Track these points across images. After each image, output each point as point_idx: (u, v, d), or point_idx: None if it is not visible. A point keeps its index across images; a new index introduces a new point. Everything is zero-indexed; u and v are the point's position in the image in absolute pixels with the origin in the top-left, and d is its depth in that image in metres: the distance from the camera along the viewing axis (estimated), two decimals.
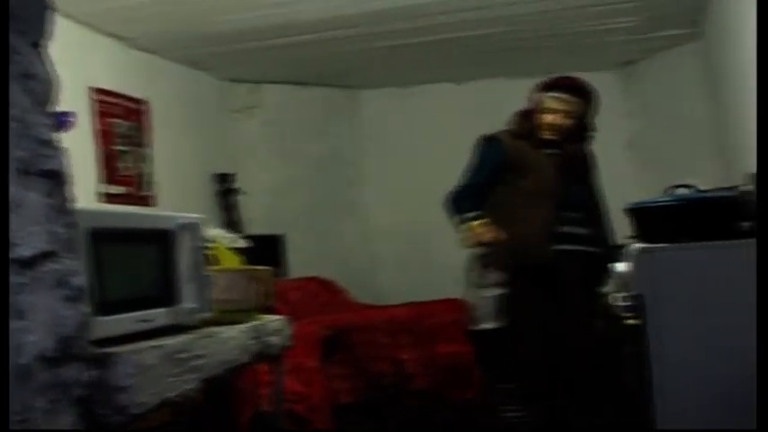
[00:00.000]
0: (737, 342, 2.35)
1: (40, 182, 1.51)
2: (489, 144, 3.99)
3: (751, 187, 2.58)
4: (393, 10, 5.15)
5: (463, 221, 3.84)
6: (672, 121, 6.50)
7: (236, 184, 6.06)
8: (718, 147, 6.06)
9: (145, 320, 1.82)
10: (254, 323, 2.14)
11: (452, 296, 4.81)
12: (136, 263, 1.84)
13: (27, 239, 1.44)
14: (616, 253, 3.88)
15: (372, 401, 4.54)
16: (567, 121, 3.91)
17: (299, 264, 6.28)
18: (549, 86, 3.99)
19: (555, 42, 6.23)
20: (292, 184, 6.65)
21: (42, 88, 1.55)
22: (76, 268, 1.55)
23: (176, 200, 5.11)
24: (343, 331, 4.57)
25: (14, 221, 1.43)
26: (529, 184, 3.86)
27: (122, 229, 1.80)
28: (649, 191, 6.62)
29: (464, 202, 3.91)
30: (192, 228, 2.00)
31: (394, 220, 7.09)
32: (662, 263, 2.45)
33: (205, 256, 2.05)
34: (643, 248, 2.49)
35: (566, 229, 3.85)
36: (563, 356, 3.76)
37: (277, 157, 6.66)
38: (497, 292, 3.79)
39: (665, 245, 2.47)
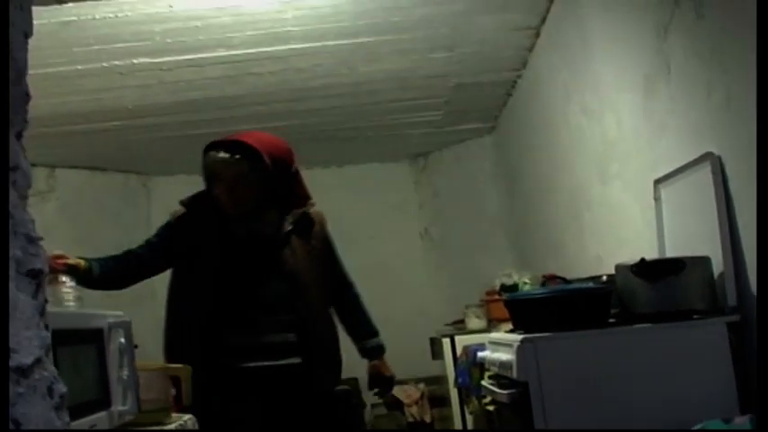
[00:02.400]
0: (620, 419, 2.51)
1: (27, 282, 1.40)
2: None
3: (610, 278, 2.80)
4: (199, 101, 5.21)
5: None
6: (464, 211, 6.87)
7: None
8: (509, 238, 6.45)
9: (92, 426, 1.71)
10: (178, 423, 2.06)
11: None
12: (80, 364, 1.74)
13: (24, 345, 1.34)
14: (334, 365, 3.23)
15: None
16: (242, 189, 3.06)
17: None
18: (210, 146, 3.12)
19: (353, 134, 6.46)
20: None
21: (24, 182, 1.45)
22: (57, 375, 1.45)
23: None
24: None
25: (12, 325, 1.32)
26: (192, 280, 3.12)
27: (68, 329, 1.70)
28: (443, 280, 6.96)
29: None
30: (122, 326, 1.92)
31: None
32: (543, 351, 2.58)
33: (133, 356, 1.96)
34: (524, 338, 2.61)
35: (236, 340, 3.03)
36: None
37: (73, 243, 6.34)
38: None
39: (546, 334, 2.61)
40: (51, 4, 3.54)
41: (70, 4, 3.71)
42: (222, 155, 3.04)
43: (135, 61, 4.54)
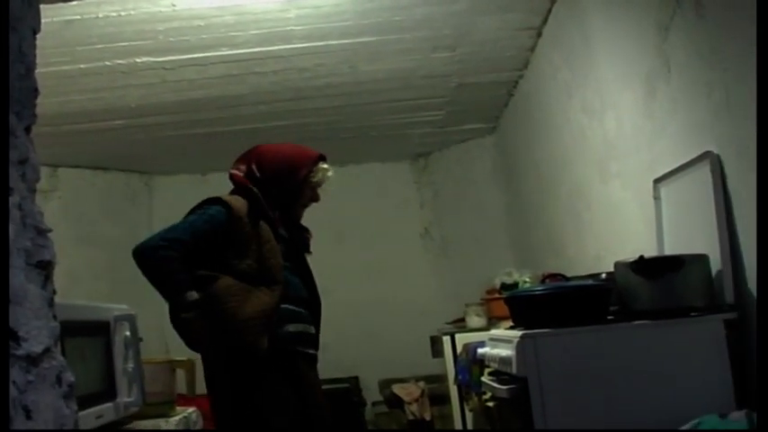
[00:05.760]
0: (618, 414, 2.53)
1: (36, 273, 1.43)
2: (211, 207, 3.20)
3: (610, 275, 2.82)
4: (201, 100, 5.21)
5: (182, 304, 2.74)
6: (465, 211, 6.89)
7: None
8: (510, 237, 6.47)
9: (99, 416, 1.74)
10: (182, 415, 2.08)
11: None
12: (87, 356, 1.77)
13: (34, 334, 1.36)
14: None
15: None
16: None
17: None
18: (322, 158, 3.39)
19: (355, 134, 6.47)
20: (90, 269, 6.41)
21: (34, 175, 1.48)
22: (65, 364, 1.47)
23: None
24: None
25: (20, 314, 1.35)
26: (256, 269, 3.05)
27: (75, 321, 1.73)
28: (443, 279, 6.99)
29: (180, 270, 2.89)
30: (127, 319, 1.94)
31: None
32: (543, 347, 2.60)
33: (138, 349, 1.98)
34: (524, 334, 2.63)
35: (300, 327, 3.18)
36: None
37: (76, 242, 6.40)
38: None
39: (545, 330, 2.63)
40: (56, 2, 3.55)
41: (74, 3, 3.73)
42: (328, 166, 3.37)
43: (138, 60, 4.57)
